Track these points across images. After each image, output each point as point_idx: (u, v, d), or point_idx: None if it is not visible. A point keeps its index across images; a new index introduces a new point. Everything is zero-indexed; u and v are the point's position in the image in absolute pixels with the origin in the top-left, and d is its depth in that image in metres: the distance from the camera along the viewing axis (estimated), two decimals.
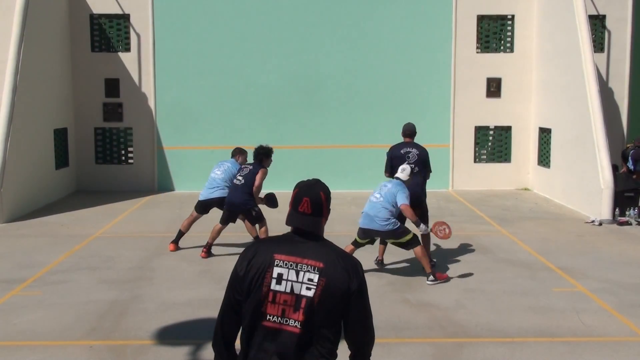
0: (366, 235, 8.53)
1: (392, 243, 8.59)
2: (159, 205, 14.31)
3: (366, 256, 9.11)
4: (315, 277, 2.96)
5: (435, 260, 9.29)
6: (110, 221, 12.43)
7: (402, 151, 8.98)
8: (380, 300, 7.65)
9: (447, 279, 8.50)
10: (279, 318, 2.96)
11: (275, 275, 2.97)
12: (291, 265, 2.98)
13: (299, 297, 2.95)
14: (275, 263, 2.98)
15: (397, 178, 8.51)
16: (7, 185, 12.40)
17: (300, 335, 2.95)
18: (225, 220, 9.72)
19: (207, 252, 9.76)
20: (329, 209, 3.17)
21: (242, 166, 9.92)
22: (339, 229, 11.67)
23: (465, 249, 10.26)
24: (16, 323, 7.00)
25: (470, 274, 8.85)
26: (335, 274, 2.97)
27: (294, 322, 2.95)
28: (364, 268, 8.77)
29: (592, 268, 9.17)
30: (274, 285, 2.96)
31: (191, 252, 10.00)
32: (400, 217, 8.39)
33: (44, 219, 12.65)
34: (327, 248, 3.08)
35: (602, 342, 6.51)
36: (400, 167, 8.59)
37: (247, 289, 3.00)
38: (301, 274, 2.97)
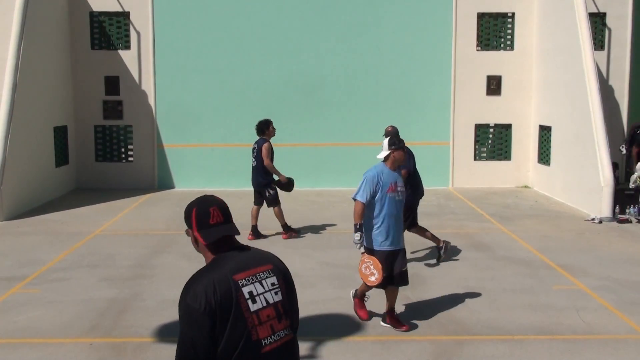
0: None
1: None
2: (159, 203, 14.31)
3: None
4: (275, 279, 2.91)
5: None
6: (111, 219, 12.42)
7: None
8: (380, 299, 7.65)
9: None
10: (273, 337, 2.81)
11: (247, 295, 2.78)
12: (253, 279, 2.84)
13: (275, 304, 2.86)
14: (241, 284, 2.79)
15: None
16: (7, 183, 12.39)
17: (294, 338, 2.94)
18: (256, 201, 10.67)
19: (254, 234, 10.62)
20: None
21: (253, 147, 10.56)
22: (341, 227, 11.67)
23: (465, 246, 10.26)
24: (16, 320, 7.00)
25: (470, 272, 8.85)
26: (281, 267, 2.99)
27: (285, 332, 2.86)
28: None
29: (592, 266, 9.17)
30: (252, 306, 2.78)
31: (191, 250, 9.97)
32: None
33: (44, 216, 12.65)
34: (257, 251, 3.01)
35: (602, 339, 6.51)
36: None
37: (222, 330, 2.70)
38: (264, 282, 2.87)
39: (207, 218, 2.86)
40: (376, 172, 6.56)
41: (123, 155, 16.41)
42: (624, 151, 14.29)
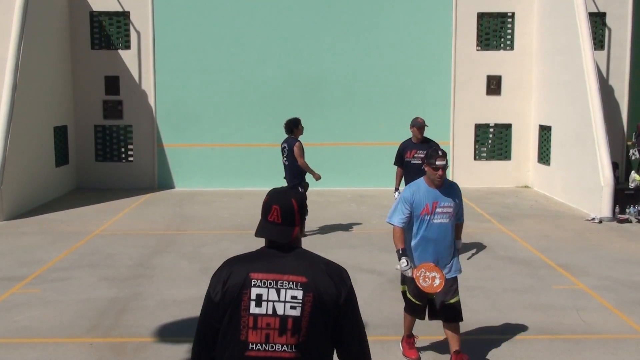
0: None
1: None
2: (159, 202, 14.30)
3: (365, 255, 9.09)
4: (300, 294, 2.69)
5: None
6: (110, 219, 12.42)
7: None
8: (380, 298, 7.65)
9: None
10: (263, 345, 2.68)
11: (253, 296, 2.69)
12: (270, 283, 2.71)
13: (284, 318, 2.68)
14: (253, 283, 2.70)
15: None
16: (7, 183, 12.39)
17: (297, 359, 2.70)
18: None
19: None
20: (303, 218, 2.91)
21: (282, 146, 10.49)
22: (341, 227, 11.67)
23: (465, 246, 10.24)
24: (16, 320, 7.00)
25: (470, 272, 8.84)
26: (321, 286, 2.72)
27: (283, 347, 2.68)
28: (365, 268, 8.66)
29: (592, 265, 9.17)
30: (253, 309, 2.68)
31: (191, 250, 10.00)
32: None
33: (44, 216, 12.65)
34: (308, 259, 2.82)
35: (602, 339, 6.51)
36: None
37: (223, 315, 2.73)
38: (282, 292, 2.70)
39: (267, 213, 2.84)
40: (411, 191, 5.68)
41: (123, 155, 16.40)
42: (637, 155, 14.21)
